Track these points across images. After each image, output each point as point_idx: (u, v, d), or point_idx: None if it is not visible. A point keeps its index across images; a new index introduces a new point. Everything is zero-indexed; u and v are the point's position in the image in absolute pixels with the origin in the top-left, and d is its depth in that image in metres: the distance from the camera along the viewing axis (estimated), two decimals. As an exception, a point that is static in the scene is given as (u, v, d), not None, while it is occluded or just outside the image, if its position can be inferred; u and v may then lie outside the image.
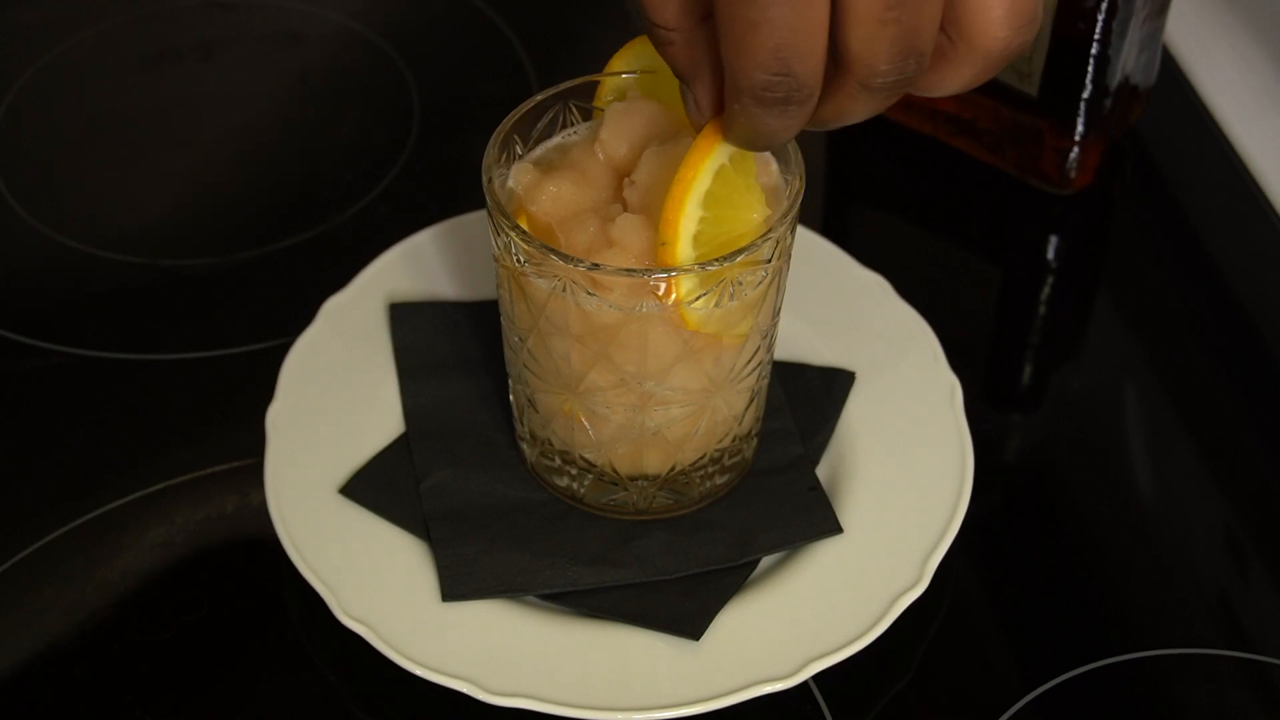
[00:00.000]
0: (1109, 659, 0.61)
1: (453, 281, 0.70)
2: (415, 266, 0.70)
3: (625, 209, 0.55)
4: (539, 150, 0.59)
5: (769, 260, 0.55)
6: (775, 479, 0.63)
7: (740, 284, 0.55)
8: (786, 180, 0.57)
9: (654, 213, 0.54)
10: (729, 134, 0.49)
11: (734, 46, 0.45)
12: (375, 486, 0.62)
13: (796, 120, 0.47)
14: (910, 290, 0.69)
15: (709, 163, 0.52)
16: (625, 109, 0.57)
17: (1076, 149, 0.75)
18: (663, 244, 0.53)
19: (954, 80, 0.47)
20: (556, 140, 0.60)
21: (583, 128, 0.60)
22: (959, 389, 0.65)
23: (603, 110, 0.58)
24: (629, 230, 0.54)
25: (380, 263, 0.70)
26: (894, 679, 0.60)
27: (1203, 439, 0.69)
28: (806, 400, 0.65)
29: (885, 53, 0.44)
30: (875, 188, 0.80)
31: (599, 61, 0.59)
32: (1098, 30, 0.71)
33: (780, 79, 0.45)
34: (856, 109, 0.46)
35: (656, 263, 0.54)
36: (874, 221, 0.80)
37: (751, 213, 0.55)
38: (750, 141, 0.49)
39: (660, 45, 0.49)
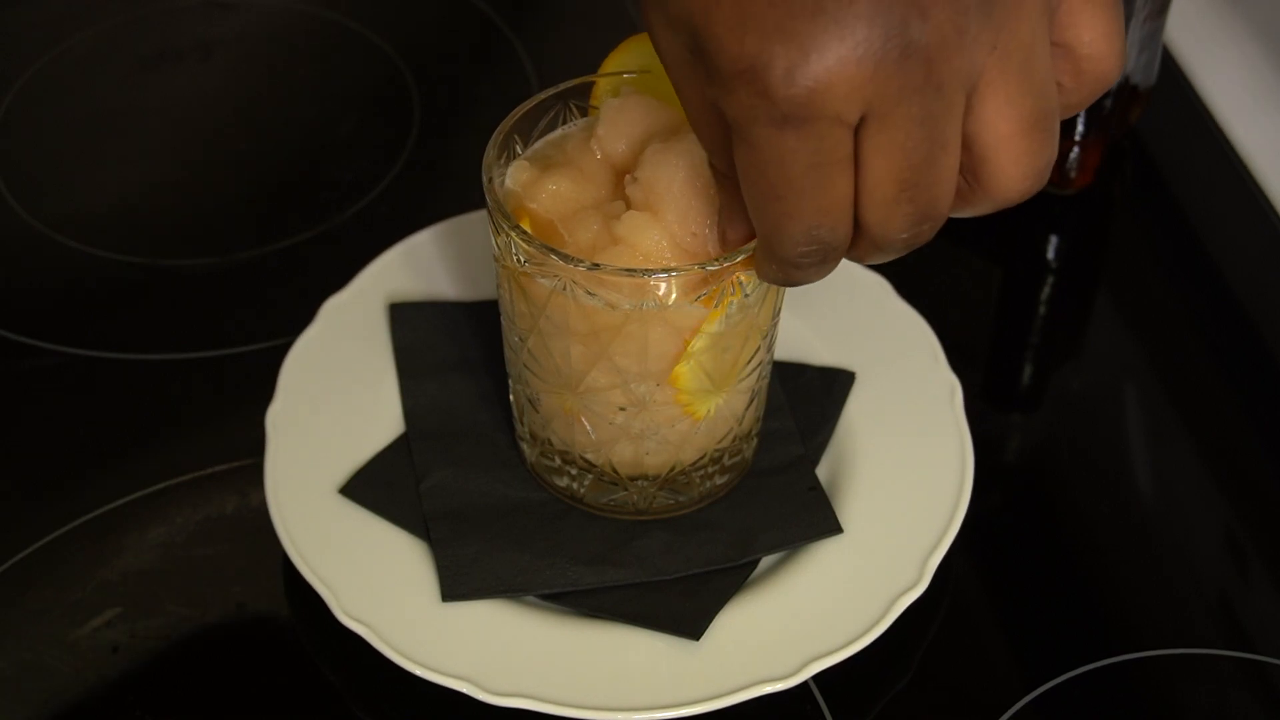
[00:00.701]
0: (1109, 659, 0.61)
1: (453, 281, 0.70)
2: (415, 266, 0.70)
3: (628, 206, 0.55)
4: (533, 146, 0.59)
5: (769, 260, 0.55)
6: (775, 479, 0.63)
7: (741, 283, 0.55)
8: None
9: (659, 209, 0.54)
10: (761, 276, 0.51)
11: (768, 228, 0.47)
12: (375, 486, 0.62)
13: (828, 272, 0.49)
14: (910, 290, 0.69)
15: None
16: (621, 105, 0.57)
17: (1076, 149, 0.75)
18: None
19: (967, 213, 0.49)
20: (551, 135, 0.59)
21: (577, 123, 0.60)
22: (959, 389, 0.65)
23: (598, 109, 0.58)
24: (635, 228, 0.54)
25: (380, 263, 0.69)
26: (894, 679, 0.60)
27: (1203, 439, 0.69)
28: (806, 400, 0.65)
29: (899, 225, 0.46)
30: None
31: (599, 62, 0.59)
32: (1098, 30, 0.71)
33: (814, 250, 0.47)
34: (876, 258, 0.49)
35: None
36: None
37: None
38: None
39: (715, 180, 0.52)
